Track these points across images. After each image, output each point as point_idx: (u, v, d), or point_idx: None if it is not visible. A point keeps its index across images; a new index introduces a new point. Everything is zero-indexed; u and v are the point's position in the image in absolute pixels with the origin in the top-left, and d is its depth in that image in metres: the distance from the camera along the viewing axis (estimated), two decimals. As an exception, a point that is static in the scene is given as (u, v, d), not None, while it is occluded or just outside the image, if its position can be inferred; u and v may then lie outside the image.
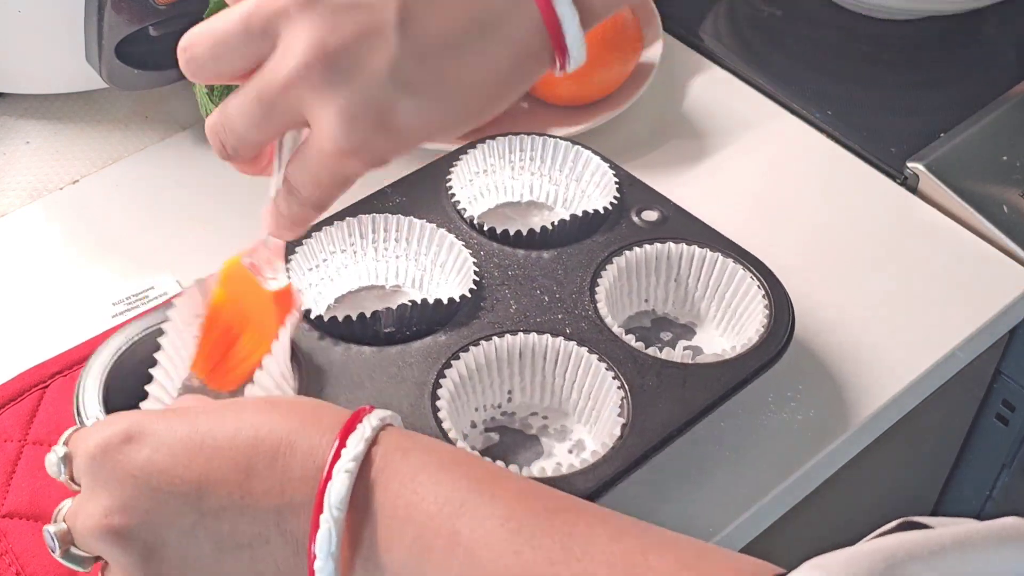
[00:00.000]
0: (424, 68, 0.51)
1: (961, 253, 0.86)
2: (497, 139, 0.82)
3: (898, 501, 1.04)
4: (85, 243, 0.85)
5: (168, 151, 0.92)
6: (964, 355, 0.81)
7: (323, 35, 0.50)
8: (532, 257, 0.76)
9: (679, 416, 0.68)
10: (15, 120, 0.94)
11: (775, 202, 0.89)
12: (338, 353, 0.69)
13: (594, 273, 0.74)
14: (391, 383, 0.68)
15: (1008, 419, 0.97)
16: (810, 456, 0.73)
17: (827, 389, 0.77)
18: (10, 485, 0.68)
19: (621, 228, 0.77)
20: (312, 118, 0.52)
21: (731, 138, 0.94)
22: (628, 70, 0.93)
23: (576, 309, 0.72)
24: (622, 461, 0.65)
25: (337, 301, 0.77)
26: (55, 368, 0.73)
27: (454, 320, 0.71)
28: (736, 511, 0.71)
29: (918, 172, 0.90)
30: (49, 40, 0.88)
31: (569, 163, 0.82)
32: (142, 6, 0.83)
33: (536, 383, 0.72)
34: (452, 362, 0.69)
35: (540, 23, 0.52)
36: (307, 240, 0.74)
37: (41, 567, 0.64)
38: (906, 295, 0.83)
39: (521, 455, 0.70)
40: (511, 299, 0.73)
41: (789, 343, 0.72)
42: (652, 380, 0.69)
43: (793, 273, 0.83)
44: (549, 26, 0.52)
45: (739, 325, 0.76)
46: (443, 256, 0.76)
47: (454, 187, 0.79)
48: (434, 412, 0.66)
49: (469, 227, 0.77)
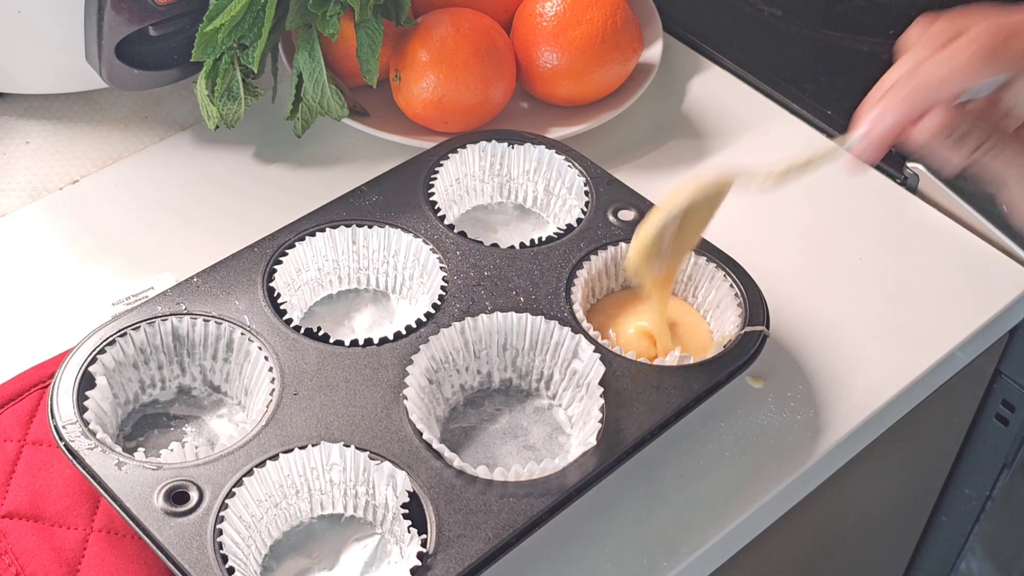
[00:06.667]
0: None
1: (961, 253, 0.86)
2: (480, 143, 0.83)
3: (898, 501, 1.04)
4: (85, 243, 0.85)
5: (168, 151, 0.92)
6: (964, 355, 0.81)
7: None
8: (507, 257, 0.76)
9: (653, 418, 0.68)
10: (15, 120, 0.94)
11: (775, 202, 0.89)
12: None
13: (570, 273, 0.75)
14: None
15: (1008, 419, 0.97)
16: (810, 456, 0.73)
17: (827, 389, 0.77)
18: (10, 485, 0.68)
19: (597, 228, 0.78)
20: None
21: (731, 138, 0.94)
22: (628, 70, 0.93)
23: (552, 310, 0.73)
24: (600, 460, 0.66)
25: (318, 304, 0.78)
26: (55, 368, 0.73)
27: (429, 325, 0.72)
28: (736, 511, 0.71)
29: (918, 172, 0.90)
30: (49, 40, 0.88)
31: (544, 167, 0.83)
32: (142, 6, 0.83)
33: (509, 360, 0.73)
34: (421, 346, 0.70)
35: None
36: (291, 249, 0.76)
37: (41, 567, 0.64)
38: (906, 295, 0.83)
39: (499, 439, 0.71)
40: (486, 300, 0.73)
41: (763, 346, 0.72)
42: (627, 382, 0.69)
43: (793, 273, 0.83)
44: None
45: (713, 325, 0.76)
46: (419, 267, 0.77)
47: (436, 190, 0.80)
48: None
49: (447, 229, 0.78)
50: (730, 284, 0.75)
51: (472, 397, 0.73)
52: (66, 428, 0.66)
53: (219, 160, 0.91)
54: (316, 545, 0.66)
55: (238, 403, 0.72)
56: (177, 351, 0.72)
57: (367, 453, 0.65)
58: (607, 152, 0.90)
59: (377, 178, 0.81)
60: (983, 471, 1.02)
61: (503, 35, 0.91)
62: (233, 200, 0.88)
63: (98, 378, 0.68)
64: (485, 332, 0.72)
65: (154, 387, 0.72)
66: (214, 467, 0.64)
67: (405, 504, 0.64)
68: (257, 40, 0.84)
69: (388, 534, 0.66)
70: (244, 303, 0.72)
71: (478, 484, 0.65)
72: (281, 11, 0.84)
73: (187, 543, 0.61)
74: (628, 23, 0.91)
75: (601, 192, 0.80)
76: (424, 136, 0.89)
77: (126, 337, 0.70)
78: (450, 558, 0.62)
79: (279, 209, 0.82)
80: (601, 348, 0.71)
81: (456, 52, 0.86)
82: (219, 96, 0.86)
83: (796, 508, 0.76)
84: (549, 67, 0.90)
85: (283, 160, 0.91)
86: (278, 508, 0.65)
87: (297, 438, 0.66)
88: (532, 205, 0.85)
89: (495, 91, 0.89)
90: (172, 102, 0.96)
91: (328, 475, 0.66)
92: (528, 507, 0.64)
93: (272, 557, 0.65)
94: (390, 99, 0.91)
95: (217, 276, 0.74)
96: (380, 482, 0.65)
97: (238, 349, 0.71)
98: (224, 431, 0.71)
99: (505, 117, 0.92)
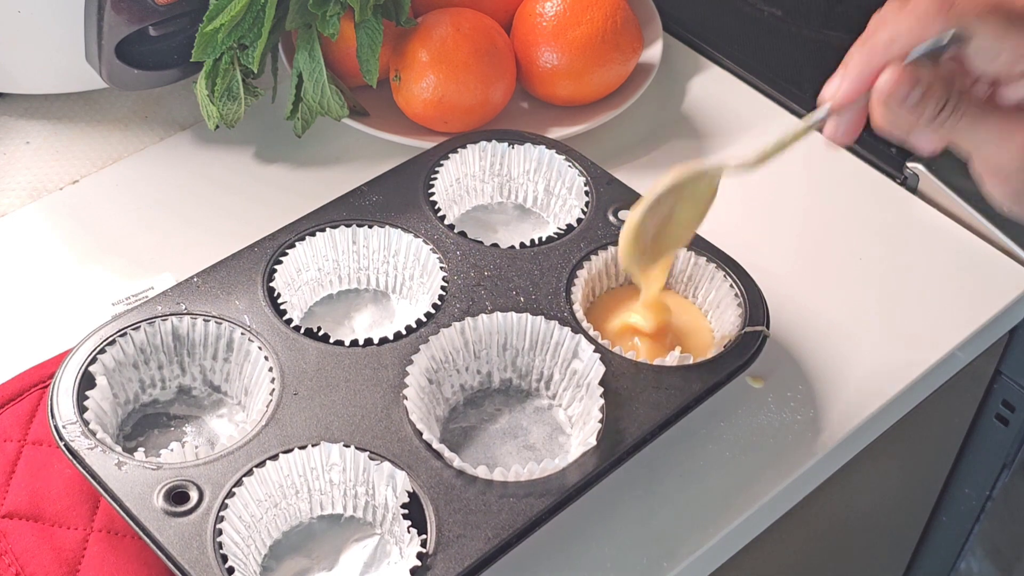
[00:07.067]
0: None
1: (961, 253, 0.86)
2: (480, 143, 0.83)
3: (898, 501, 1.04)
4: (85, 243, 0.85)
5: (167, 151, 0.92)
6: (964, 355, 0.81)
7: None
8: (507, 257, 0.76)
9: (653, 418, 0.68)
10: (15, 120, 0.94)
11: (775, 202, 0.89)
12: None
13: (570, 273, 0.75)
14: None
15: (1008, 419, 0.97)
16: (810, 456, 0.73)
17: (827, 389, 0.77)
18: (10, 485, 0.68)
19: (597, 228, 0.78)
20: None
21: (731, 138, 0.94)
22: (628, 70, 0.93)
23: (552, 310, 0.73)
24: (600, 460, 0.66)
25: (318, 304, 0.78)
26: (55, 368, 0.73)
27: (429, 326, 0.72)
28: (736, 511, 0.71)
29: (918, 172, 0.90)
30: (49, 40, 0.88)
31: (544, 167, 0.83)
32: (142, 6, 0.83)
33: (509, 360, 0.73)
34: (421, 346, 0.70)
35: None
36: (292, 249, 0.76)
37: (41, 567, 0.64)
38: (906, 295, 0.83)
39: (498, 439, 0.71)
40: (486, 300, 0.73)
41: (763, 346, 0.72)
42: (627, 382, 0.69)
43: (793, 273, 0.83)
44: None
45: (713, 325, 0.76)
46: (419, 267, 0.77)
47: (436, 190, 0.80)
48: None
49: (447, 229, 0.78)
50: (730, 284, 0.75)
51: (472, 397, 0.73)
52: (66, 428, 0.66)
53: (219, 160, 0.91)
54: (316, 545, 0.66)
55: (238, 403, 0.72)
56: (177, 351, 0.72)
57: (367, 453, 0.65)
58: (607, 152, 0.90)
59: (377, 178, 0.81)
60: (983, 471, 1.02)
61: (503, 35, 0.91)
62: (233, 200, 0.88)
63: (98, 378, 0.68)
64: (485, 332, 0.72)
65: (154, 387, 0.72)
66: (214, 467, 0.64)
67: (405, 504, 0.64)
68: (257, 40, 0.84)
69: (388, 534, 0.66)
70: (244, 303, 0.72)
71: (478, 484, 0.65)
72: (281, 11, 0.84)
73: (187, 543, 0.61)
74: (628, 23, 0.91)
75: (601, 192, 0.80)
76: (424, 136, 0.89)
77: (126, 337, 0.70)
78: (450, 558, 0.62)
79: (279, 209, 0.82)
80: (601, 348, 0.71)
81: (456, 52, 0.87)
82: (219, 96, 0.86)
83: (796, 508, 0.76)
84: (549, 67, 0.90)
85: (283, 160, 0.91)
86: (278, 508, 0.65)
87: (297, 438, 0.66)
88: (532, 205, 0.85)
89: (495, 91, 0.89)
90: (172, 102, 0.96)
91: (328, 475, 0.66)
92: (528, 507, 0.64)
93: (272, 557, 0.65)
94: (390, 99, 0.91)
95: (217, 276, 0.74)
96: (380, 482, 0.65)
97: (238, 349, 0.71)
98: (224, 431, 0.71)
99: (505, 117, 0.92)
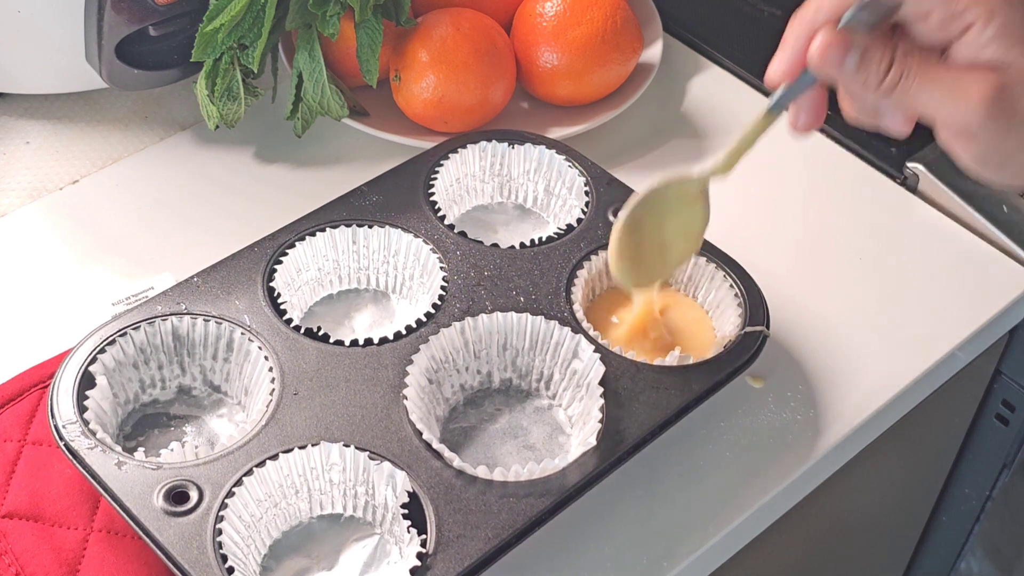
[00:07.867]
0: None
1: (961, 253, 0.86)
2: (480, 143, 0.83)
3: (898, 501, 1.04)
4: (85, 243, 0.85)
5: (167, 151, 0.92)
6: (964, 355, 0.81)
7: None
8: (507, 257, 0.76)
9: (653, 418, 0.68)
10: (15, 120, 0.94)
11: (775, 202, 0.89)
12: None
13: (570, 273, 0.75)
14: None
15: (1008, 419, 0.97)
16: (810, 456, 0.73)
17: (827, 389, 0.77)
18: (10, 485, 0.68)
19: (597, 228, 0.78)
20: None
21: (731, 138, 0.94)
22: (628, 70, 0.93)
23: (552, 310, 0.73)
24: (600, 460, 0.66)
25: (318, 304, 0.78)
26: (55, 368, 0.73)
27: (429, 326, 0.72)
28: (736, 511, 0.71)
29: (918, 172, 0.90)
30: (49, 40, 0.88)
31: (544, 167, 0.83)
32: (142, 6, 0.83)
33: (509, 360, 0.73)
34: (421, 346, 0.70)
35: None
36: (291, 249, 0.76)
37: (41, 567, 0.64)
38: (906, 295, 0.83)
39: (498, 440, 0.71)
40: (486, 300, 0.73)
41: (763, 346, 0.72)
42: (627, 382, 0.69)
43: (793, 273, 0.83)
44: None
45: (713, 325, 0.76)
46: (419, 267, 0.77)
47: (436, 190, 0.80)
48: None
49: (447, 229, 0.78)
50: (730, 284, 0.75)
51: (472, 397, 0.73)
52: (66, 428, 0.66)
53: (219, 160, 0.91)
54: (315, 545, 0.66)
55: (238, 403, 0.72)
56: (177, 351, 0.72)
57: (367, 453, 0.65)
58: (607, 152, 0.90)
59: (377, 178, 0.81)
60: (983, 471, 1.02)
61: (503, 35, 0.91)
62: (233, 200, 0.88)
63: (98, 378, 0.68)
64: (485, 332, 0.72)
65: (154, 387, 0.72)
66: (214, 467, 0.64)
67: (405, 504, 0.64)
68: (257, 40, 0.84)
69: (388, 534, 0.66)
70: (244, 303, 0.72)
71: (478, 484, 0.65)
72: (281, 11, 0.84)
73: (187, 543, 0.61)
74: (628, 23, 0.91)
75: (601, 192, 0.80)
76: (424, 136, 0.89)
77: (126, 337, 0.70)
78: (450, 558, 0.62)
79: (279, 209, 0.82)
80: (601, 348, 0.71)
81: (456, 52, 0.87)
82: (219, 96, 0.86)
83: (796, 508, 0.76)
84: (549, 67, 0.90)
85: (283, 160, 0.91)
86: (278, 508, 0.65)
87: (297, 438, 0.66)
88: (532, 205, 0.85)
89: (495, 91, 0.89)
90: (172, 102, 0.96)
91: (328, 475, 0.66)
92: (528, 507, 0.64)
93: (271, 557, 0.65)
94: (390, 99, 0.91)
95: (217, 276, 0.74)
96: (380, 482, 0.65)
97: (238, 349, 0.71)
98: (224, 431, 0.71)
99: (505, 117, 0.92)
